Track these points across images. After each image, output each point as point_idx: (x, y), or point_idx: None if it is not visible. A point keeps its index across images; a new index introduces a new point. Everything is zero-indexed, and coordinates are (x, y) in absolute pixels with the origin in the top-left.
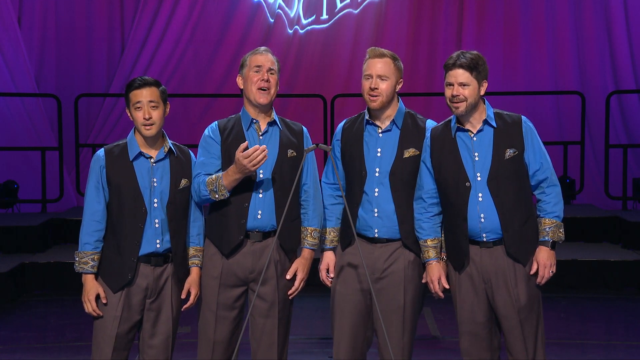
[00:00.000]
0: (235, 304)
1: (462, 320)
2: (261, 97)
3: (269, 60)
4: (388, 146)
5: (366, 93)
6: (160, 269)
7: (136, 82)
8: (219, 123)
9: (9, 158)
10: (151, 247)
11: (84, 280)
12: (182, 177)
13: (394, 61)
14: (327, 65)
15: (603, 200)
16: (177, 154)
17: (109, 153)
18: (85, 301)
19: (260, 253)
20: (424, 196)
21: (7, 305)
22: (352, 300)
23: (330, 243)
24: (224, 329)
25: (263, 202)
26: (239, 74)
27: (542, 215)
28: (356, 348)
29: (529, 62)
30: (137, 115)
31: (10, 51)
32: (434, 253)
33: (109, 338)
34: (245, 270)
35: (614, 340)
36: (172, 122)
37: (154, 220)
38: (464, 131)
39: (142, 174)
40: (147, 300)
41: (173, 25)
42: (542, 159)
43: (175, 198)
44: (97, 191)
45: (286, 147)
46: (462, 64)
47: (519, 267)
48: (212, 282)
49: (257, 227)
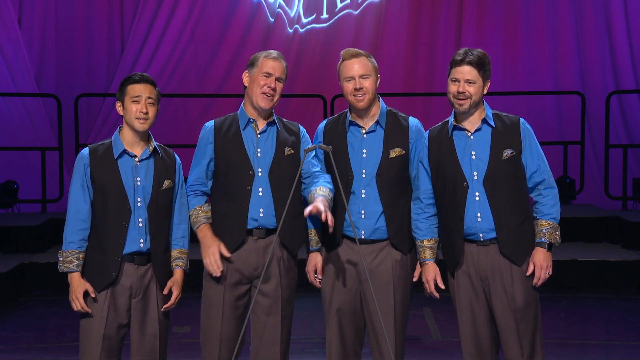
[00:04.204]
0: (240, 301)
1: (462, 321)
2: (263, 102)
3: (280, 69)
4: (373, 147)
5: (350, 95)
6: (144, 268)
7: (136, 76)
8: (215, 122)
9: (9, 158)
10: (135, 246)
11: (70, 279)
12: (166, 178)
13: (369, 59)
14: (327, 65)
15: (603, 200)
16: (162, 155)
17: (93, 152)
18: (73, 299)
19: (264, 250)
20: (421, 196)
21: (7, 305)
22: (340, 300)
23: (317, 244)
24: (230, 326)
25: (264, 200)
26: (247, 71)
27: (539, 217)
28: (347, 349)
29: (529, 62)
30: (133, 108)
31: (10, 51)
32: (430, 253)
33: (97, 339)
34: (250, 267)
35: (614, 340)
36: (172, 122)
37: (138, 219)
38: (461, 130)
39: (126, 172)
40: (132, 300)
41: (173, 25)
42: (539, 161)
43: (158, 198)
44: (82, 190)
45: (283, 145)
46: (470, 61)
47: (515, 266)
48: (218, 281)
49: (260, 225)
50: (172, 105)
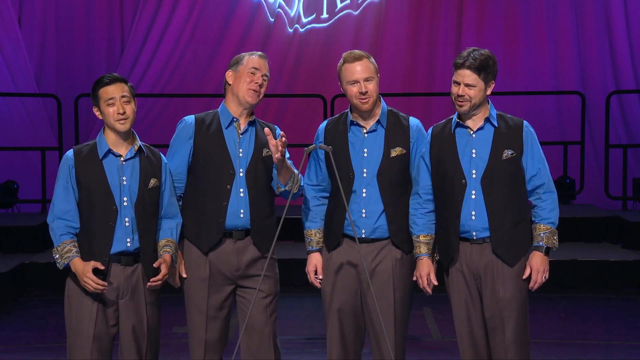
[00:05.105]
0: (224, 303)
1: (457, 319)
2: (251, 97)
3: (266, 67)
4: (374, 146)
5: (355, 98)
6: (131, 268)
7: (106, 78)
8: (196, 117)
9: (9, 158)
10: (122, 246)
11: (74, 265)
12: (152, 176)
13: (370, 60)
14: (327, 65)
15: (603, 200)
16: (147, 154)
17: (78, 153)
18: (85, 282)
19: (244, 251)
20: (420, 192)
21: (7, 305)
22: (341, 300)
23: (317, 244)
24: (215, 328)
25: (244, 201)
26: (231, 70)
27: (537, 220)
28: (348, 348)
29: (529, 62)
30: (110, 111)
31: (10, 51)
32: (425, 249)
33: (87, 339)
34: (231, 268)
35: (614, 340)
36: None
37: (124, 219)
38: (464, 128)
39: (111, 172)
40: (120, 301)
41: (173, 25)
42: (540, 164)
43: (144, 197)
44: (65, 192)
45: (262, 146)
46: (470, 65)
47: (507, 266)
48: (201, 284)
49: (240, 225)
50: (172, 105)
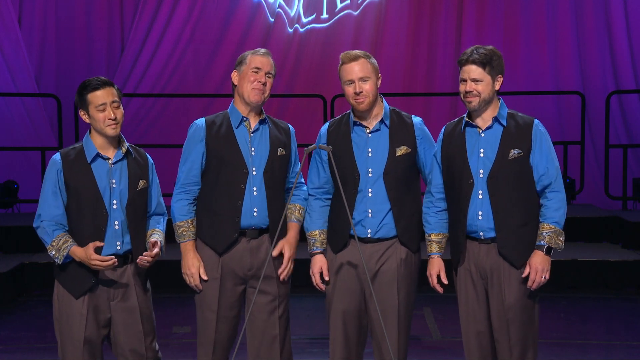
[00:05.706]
0: (235, 302)
1: (464, 319)
2: (255, 96)
3: (269, 64)
4: (379, 146)
5: (351, 98)
6: (121, 270)
7: (94, 82)
8: (206, 120)
9: (9, 158)
10: (112, 248)
11: (74, 253)
12: (140, 178)
13: (369, 60)
14: (327, 65)
15: (603, 200)
16: (135, 156)
17: (65, 156)
18: (94, 265)
19: (257, 250)
20: (432, 190)
21: (7, 305)
22: (345, 301)
23: (321, 245)
24: (225, 328)
25: (258, 200)
26: (235, 70)
27: (542, 220)
28: (351, 349)
29: (529, 62)
30: (101, 116)
31: (10, 51)
32: (436, 248)
33: (78, 341)
34: (244, 267)
35: (614, 340)
36: (172, 121)
37: (114, 221)
38: (473, 127)
39: (100, 175)
40: (112, 303)
41: (173, 25)
42: (548, 164)
43: (134, 199)
44: (53, 196)
45: (276, 145)
46: (474, 60)
47: (514, 268)
48: (213, 283)
49: (254, 224)
50: (172, 105)
